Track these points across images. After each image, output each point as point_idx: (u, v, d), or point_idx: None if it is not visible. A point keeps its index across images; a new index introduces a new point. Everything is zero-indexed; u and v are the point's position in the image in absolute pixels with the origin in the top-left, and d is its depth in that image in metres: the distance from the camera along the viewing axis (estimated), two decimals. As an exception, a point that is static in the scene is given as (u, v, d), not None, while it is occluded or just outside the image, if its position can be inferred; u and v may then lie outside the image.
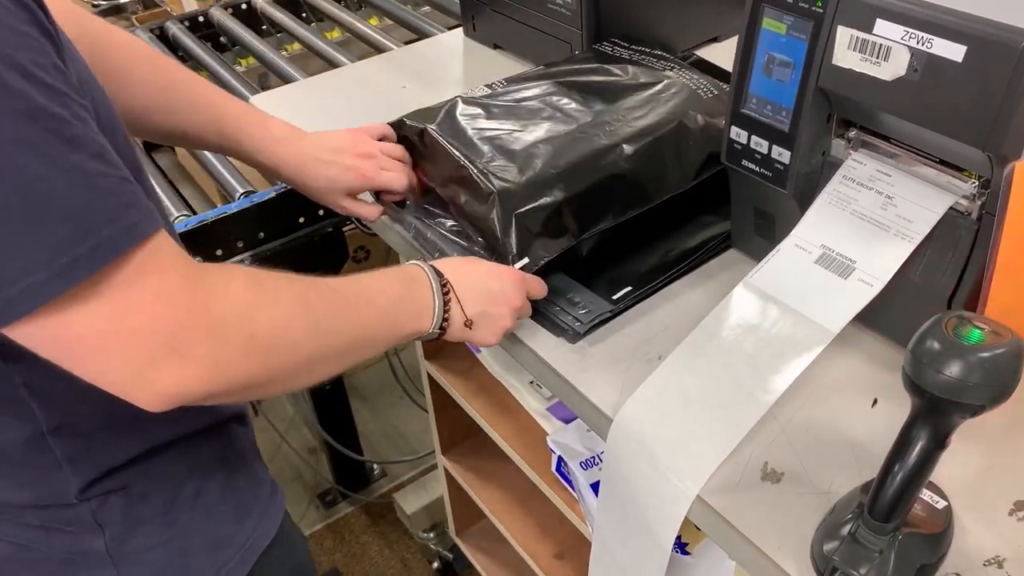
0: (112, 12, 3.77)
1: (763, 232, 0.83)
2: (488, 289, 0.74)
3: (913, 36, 0.63)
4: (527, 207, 0.81)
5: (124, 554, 0.69)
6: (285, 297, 0.60)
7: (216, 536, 0.73)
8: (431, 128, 0.89)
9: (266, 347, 0.58)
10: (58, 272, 0.49)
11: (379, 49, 1.72)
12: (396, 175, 0.89)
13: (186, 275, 0.54)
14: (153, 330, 0.53)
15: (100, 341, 0.52)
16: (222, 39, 1.93)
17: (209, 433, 0.74)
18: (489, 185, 0.81)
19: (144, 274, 0.52)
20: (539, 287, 0.80)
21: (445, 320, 0.71)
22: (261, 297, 0.59)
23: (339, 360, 0.64)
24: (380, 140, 0.93)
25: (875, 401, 0.72)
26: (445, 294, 0.71)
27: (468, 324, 0.73)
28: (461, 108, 0.95)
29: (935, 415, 0.55)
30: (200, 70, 1.82)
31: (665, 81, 0.96)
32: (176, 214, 1.36)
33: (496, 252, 0.82)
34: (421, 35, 1.76)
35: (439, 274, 0.72)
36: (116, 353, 0.52)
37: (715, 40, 1.24)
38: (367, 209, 0.92)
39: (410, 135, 0.92)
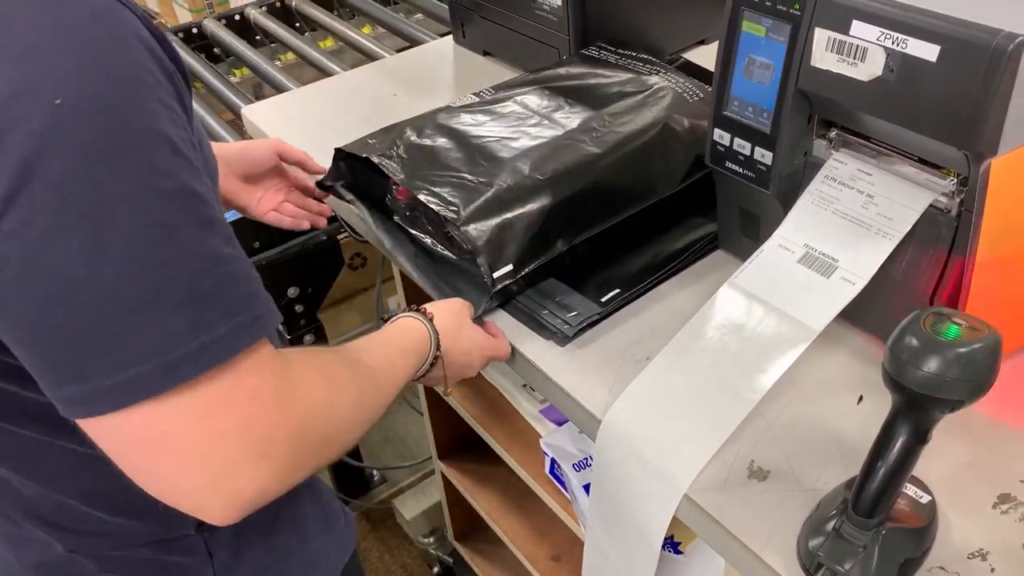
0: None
1: (748, 232, 0.84)
2: (466, 354, 0.77)
3: (888, 37, 0.64)
4: (510, 216, 0.82)
5: None
6: (348, 392, 0.59)
7: (309, 557, 0.73)
8: (375, 159, 0.90)
9: (333, 443, 0.57)
10: (166, 367, 0.45)
11: (372, 57, 1.74)
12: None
13: (279, 375, 0.51)
14: (244, 433, 0.49)
15: (185, 443, 0.47)
16: (216, 50, 1.94)
17: None
18: (448, 212, 0.82)
19: (246, 374, 0.49)
20: (504, 350, 0.82)
21: (425, 370, 0.74)
22: (334, 395, 0.57)
23: (371, 423, 0.64)
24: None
25: (860, 398, 0.73)
26: (436, 358, 0.74)
27: (451, 364, 0.76)
28: (446, 117, 0.96)
29: (915, 411, 0.56)
30: (194, 82, 1.83)
31: (651, 85, 0.97)
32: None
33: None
34: (413, 43, 1.78)
35: (437, 344, 0.74)
36: (199, 457, 0.48)
37: (702, 43, 1.25)
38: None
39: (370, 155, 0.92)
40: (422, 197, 0.85)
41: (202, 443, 0.48)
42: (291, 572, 0.72)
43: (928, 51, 0.62)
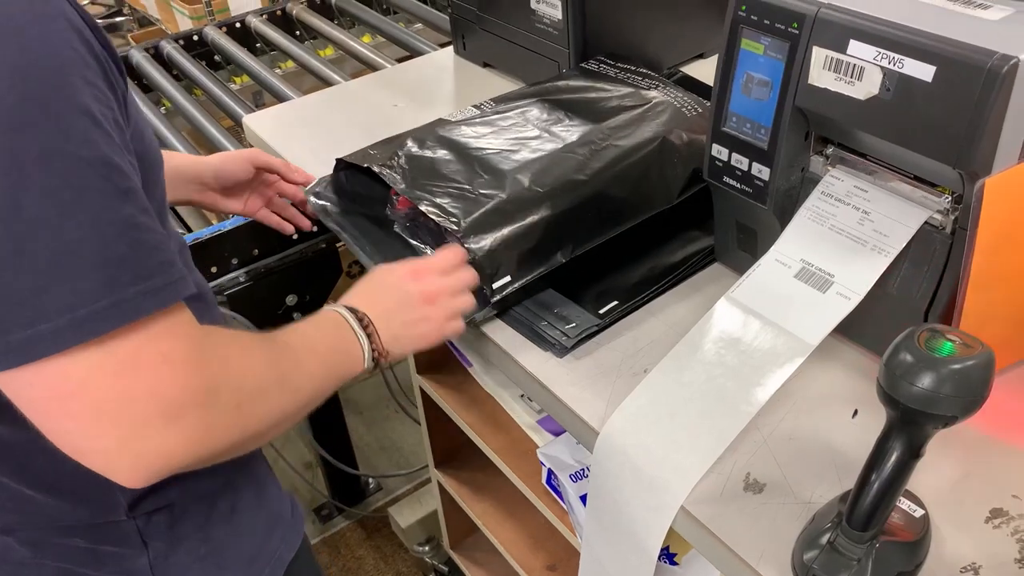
0: (108, 30, 3.80)
1: (746, 246, 0.85)
2: (399, 303, 0.74)
3: (885, 56, 0.65)
4: (510, 228, 0.83)
5: (166, 570, 0.70)
6: (261, 362, 0.60)
7: (249, 550, 0.74)
8: (376, 168, 0.91)
9: (248, 413, 0.57)
10: (75, 322, 0.47)
11: (372, 66, 1.75)
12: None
13: (194, 342, 0.53)
14: (153, 395, 0.50)
15: (96, 399, 0.49)
16: (216, 58, 1.95)
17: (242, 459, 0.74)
18: (450, 224, 0.83)
19: (157, 337, 0.51)
20: (449, 259, 0.78)
21: (375, 352, 0.71)
22: (250, 367, 0.58)
23: (298, 414, 0.64)
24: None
25: (855, 412, 0.73)
26: (366, 328, 0.71)
27: (396, 342, 0.73)
28: (447, 129, 0.97)
29: (909, 426, 0.56)
30: (195, 89, 1.84)
31: (650, 99, 0.98)
32: (171, 232, 1.37)
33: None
34: (413, 52, 1.79)
35: (355, 312, 0.71)
36: (109, 415, 0.49)
37: (701, 56, 1.27)
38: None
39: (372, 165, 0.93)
40: (423, 207, 0.86)
41: (111, 402, 0.49)
42: (228, 564, 0.73)
43: (924, 71, 0.63)
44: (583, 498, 0.94)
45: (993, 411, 0.66)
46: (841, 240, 0.73)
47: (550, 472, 0.99)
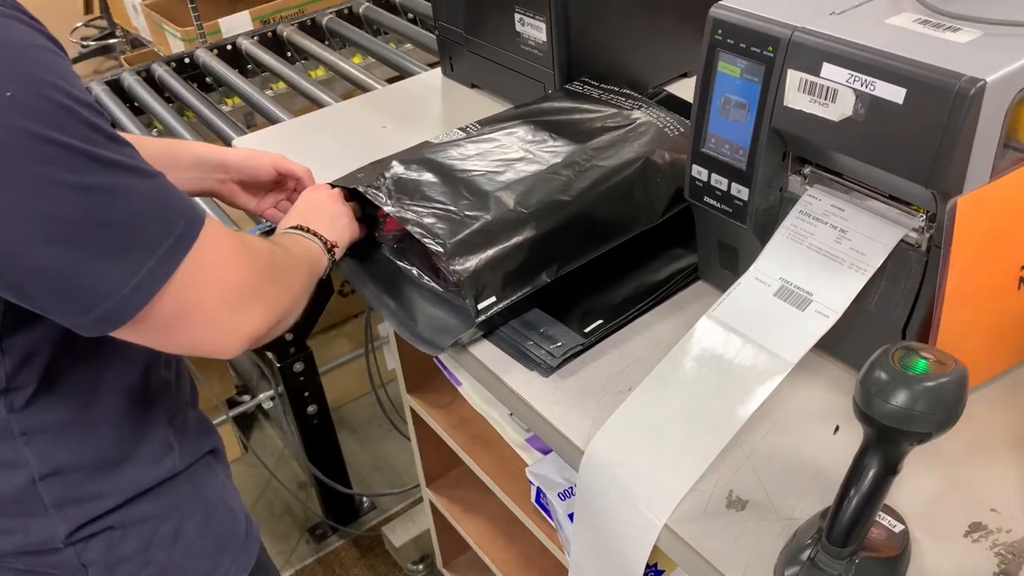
0: (100, 52, 3.83)
1: (727, 264, 0.86)
2: (324, 211, 0.91)
3: (857, 79, 0.66)
4: (495, 249, 0.84)
5: None
6: (278, 251, 0.75)
7: (195, 572, 0.75)
8: (362, 189, 0.93)
9: (290, 291, 0.72)
10: (163, 257, 0.59)
11: (362, 87, 1.76)
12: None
13: (240, 240, 0.67)
14: (238, 285, 0.65)
15: (208, 303, 0.63)
16: (208, 80, 1.96)
17: (188, 474, 0.76)
18: (435, 246, 0.84)
19: (219, 244, 0.63)
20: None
21: (326, 242, 0.87)
22: (273, 250, 0.74)
23: (304, 298, 0.78)
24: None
25: (837, 428, 0.74)
26: (316, 235, 0.87)
27: (340, 239, 0.90)
28: (432, 151, 0.98)
29: (885, 443, 0.57)
30: (186, 111, 1.85)
31: (633, 120, 1.00)
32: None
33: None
34: (403, 73, 1.80)
35: (306, 228, 0.87)
36: (220, 310, 0.63)
37: (685, 76, 1.28)
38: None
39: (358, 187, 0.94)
40: (409, 228, 0.87)
41: (216, 299, 0.63)
42: None
43: (895, 93, 0.64)
44: (572, 516, 0.94)
45: (971, 425, 0.67)
46: (819, 258, 0.74)
47: (539, 491, 0.99)
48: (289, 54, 2.04)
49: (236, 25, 2.31)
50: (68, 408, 0.68)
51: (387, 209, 0.89)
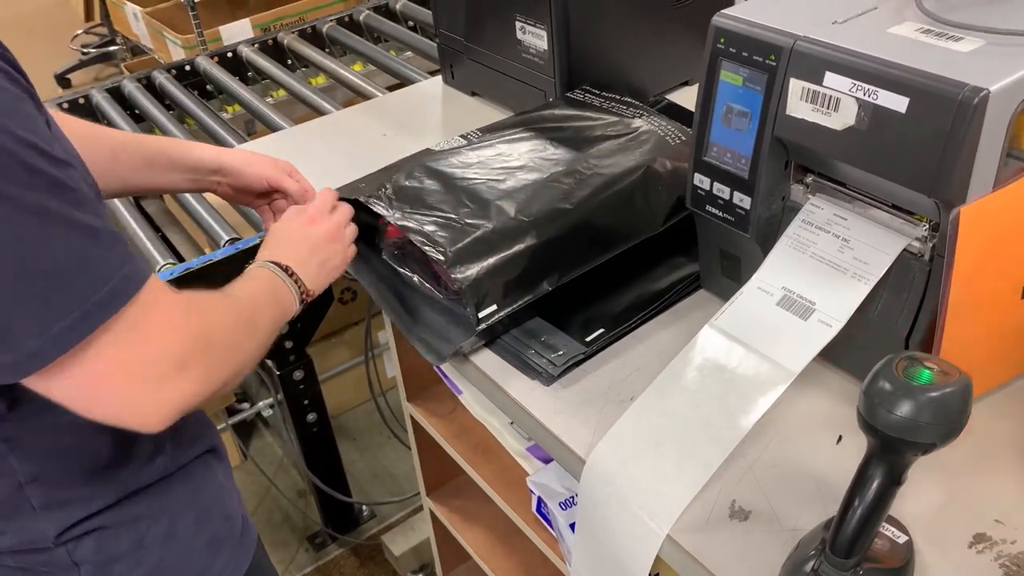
0: (101, 60, 3.83)
1: (729, 273, 0.86)
2: (311, 249, 0.85)
3: (860, 88, 0.66)
4: (496, 257, 0.84)
5: None
6: (230, 311, 0.70)
7: (188, 572, 0.76)
8: (363, 199, 0.93)
9: (233, 356, 0.68)
10: (81, 318, 0.56)
11: (362, 94, 1.76)
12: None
13: (180, 305, 0.63)
14: (164, 356, 0.61)
15: (123, 373, 0.59)
16: (208, 87, 1.97)
17: (181, 474, 0.76)
18: (436, 253, 0.84)
19: (151, 309, 0.60)
20: (327, 198, 0.91)
21: (303, 293, 0.81)
22: (221, 313, 0.69)
23: (259, 354, 0.74)
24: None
25: (840, 438, 0.74)
26: (292, 277, 0.81)
27: (315, 281, 0.84)
28: (433, 160, 0.98)
29: (889, 453, 0.57)
30: (186, 118, 1.85)
31: (635, 128, 1.00)
32: (162, 262, 1.38)
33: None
34: (403, 80, 1.81)
35: (279, 265, 0.81)
36: (136, 382, 0.60)
37: (686, 84, 1.28)
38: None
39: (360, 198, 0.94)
40: (411, 237, 0.86)
41: (138, 371, 0.60)
42: None
43: (898, 102, 0.64)
44: (573, 526, 0.93)
45: (975, 436, 0.67)
46: (822, 268, 0.74)
47: (540, 500, 0.99)
48: (289, 62, 2.04)
49: (237, 33, 2.31)
50: (51, 414, 0.67)
51: (388, 218, 0.89)
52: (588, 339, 0.86)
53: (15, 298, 0.55)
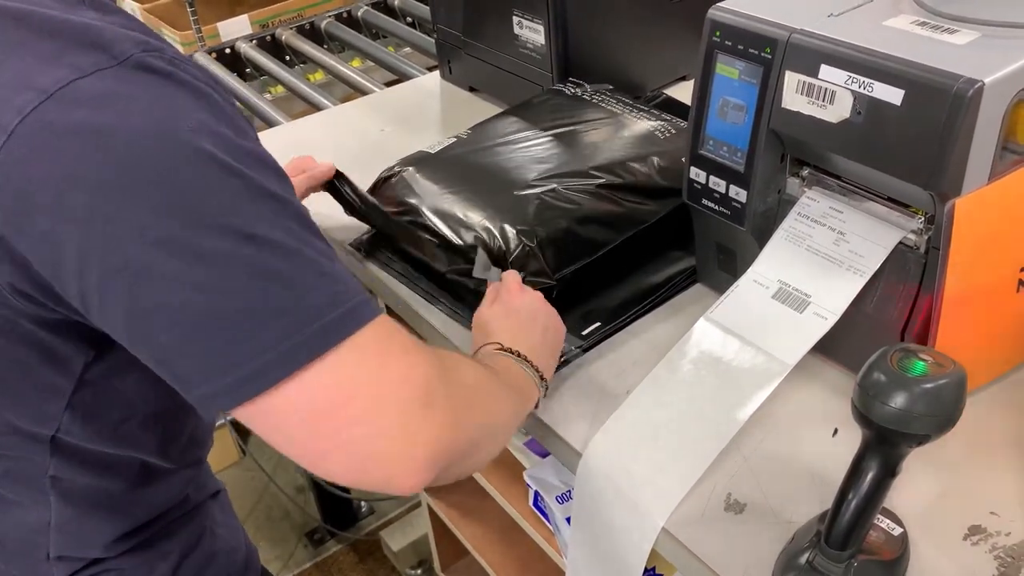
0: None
1: (726, 267, 0.86)
2: (543, 330, 0.76)
3: (855, 80, 0.66)
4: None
5: None
6: (477, 368, 0.64)
7: None
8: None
9: (479, 399, 0.61)
10: (317, 331, 0.50)
11: (361, 90, 1.76)
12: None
13: (413, 339, 0.56)
14: (406, 380, 0.53)
15: (365, 396, 0.51)
16: (206, 83, 1.96)
17: (189, 517, 0.75)
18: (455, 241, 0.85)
19: (390, 335, 0.54)
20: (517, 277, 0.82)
21: (541, 380, 0.74)
22: (463, 363, 0.63)
23: (509, 432, 0.68)
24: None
25: (836, 431, 0.74)
26: (530, 363, 0.73)
27: (550, 370, 0.76)
28: (428, 163, 0.98)
29: (884, 445, 0.57)
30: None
31: (629, 122, 1.00)
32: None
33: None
34: (402, 76, 1.80)
35: (517, 352, 0.72)
36: (380, 407, 0.51)
37: (683, 79, 1.28)
38: None
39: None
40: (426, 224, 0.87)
41: (378, 396, 0.52)
42: None
43: (893, 95, 0.64)
44: (569, 520, 0.94)
45: (971, 428, 0.67)
46: (817, 260, 0.74)
47: (536, 494, 0.99)
48: (288, 58, 2.04)
49: (235, 29, 2.31)
50: (103, 463, 0.66)
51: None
52: (584, 333, 0.86)
53: (250, 309, 0.49)
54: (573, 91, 1.10)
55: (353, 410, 0.51)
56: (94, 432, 0.63)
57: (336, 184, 0.94)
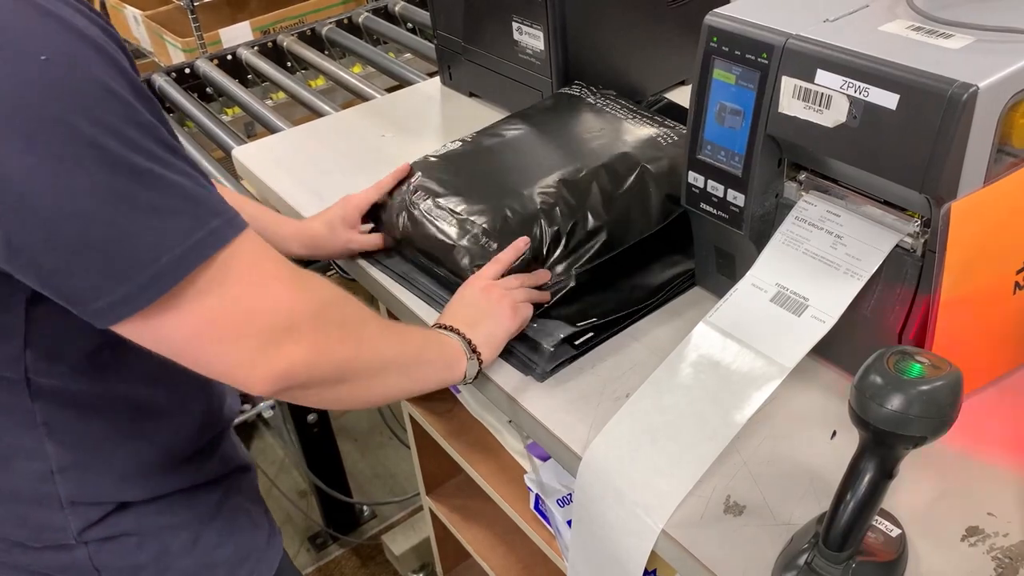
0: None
1: (724, 271, 0.86)
2: (484, 314, 0.81)
3: (851, 85, 0.67)
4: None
5: None
6: (357, 307, 0.68)
7: None
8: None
9: (354, 336, 0.65)
10: (188, 248, 0.54)
11: (362, 96, 1.77)
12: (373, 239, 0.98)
13: (287, 265, 0.61)
14: (275, 310, 0.59)
15: (230, 321, 0.57)
16: (208, 90, 1.97)
17: (211, 485, 0.76)
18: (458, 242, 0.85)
19: (261, 260, 0.59)
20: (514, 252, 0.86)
21: (471, 348, 0.78)
22: (344, 293, 0.66)
23: (401, 375, 0.71)
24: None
25: (834, 433, 0.74)
26: (457, 332, 0.78)
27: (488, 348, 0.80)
28: (431, 166, 0.99)
29: (880, 447, 0.58)
30: (186, 121, 1.86)
31: (629, 127, 1.00)
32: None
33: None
34: (403, 82, 1.81)
35: (464, 337, 0.78)
36: (243, 332, 0.57)
37: (683, 84, 1.29)
38: (372, 240, 0.98)
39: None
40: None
41: (245, 320, 0.58)
42: None
43: (888, 99, 0.65)
44: (570, 523, 0.94)
45: (968, 430, 0.68)
46: (815, 264, 0.74)
47: (537, 497, 0.99)
48: (289, 64, 2.05)
49: (236, 35, 2.32)
50: (91, 403, 0.67)
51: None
52: (582, 335, 0.86)
53: (125, 229, 0.53)
54: (579, 93, 1.10)
55: (216, 330, 0.57)
56: (67, 369, 0.65)
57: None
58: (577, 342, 0.85)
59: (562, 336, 0.84)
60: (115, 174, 0.53)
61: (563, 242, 0.88)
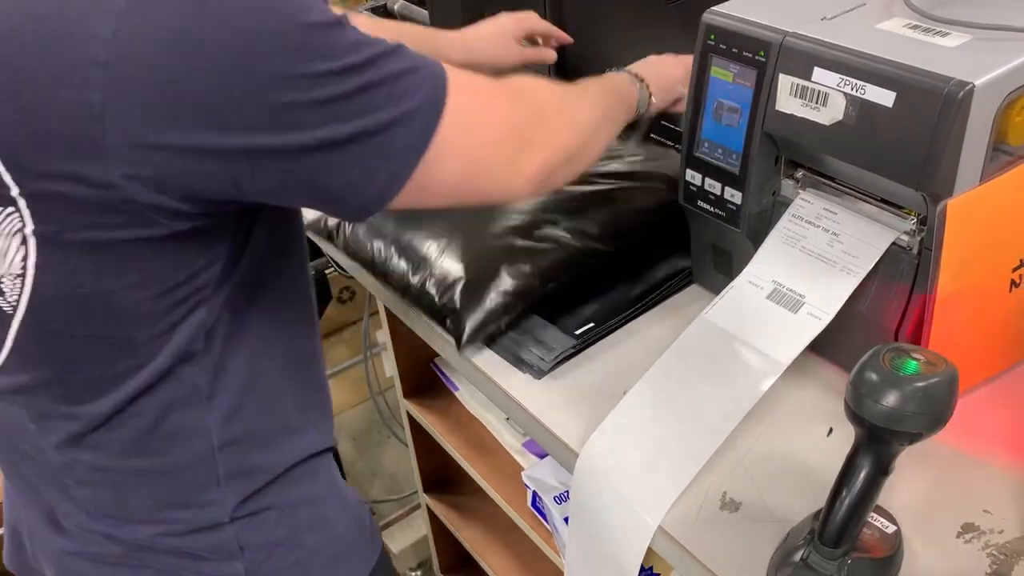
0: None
1: (721, 268, 0.86)
2: (659, 64, 0.88)
3: (848, 83, 0.67)
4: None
5: None
6: (554, 87, 0.73)
7: (335, 555, 0.76)
8: None
9: (570, 119, 0.71)
10: (431, 101, 0.58)
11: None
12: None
13: (492, 81, 0.65)
14: (503, 121, 0.64)
15: (480, 148, 0.62)
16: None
17: (322, 459, 0.76)
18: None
19: (475, 90, 0.62)
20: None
21: (638, 78, 0.84)
22: (539, 82, 0.72)
23: (604, 127, 0.76)
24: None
25: (830, 430, 0.75)
26: (635, 75, 0.84)
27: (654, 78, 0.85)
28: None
29: (876, 443, 0.58)
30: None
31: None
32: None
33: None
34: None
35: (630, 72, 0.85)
36: (493, 149, 0.63)
37: (680, 82, 1.29)
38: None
39: None
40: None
41: (488, 140, 0.63)
42: (314, 569, 0.75)
43: (885, 97, 0.65)
44: (567, 520, 0.94)
45: (964, 427, 0.68)
46: (811, 261, 0.74)
47: (535, 495, 1.00)
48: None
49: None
50: (248, 373, 0.68)
51: None
52: (578, 333, 0.86)
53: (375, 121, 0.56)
54: None
55: (474, 163, 0.62)
56: (220, 343, 0.65)
57: None
58: (579, 332, 0.85)
59: (562, 352, 0.84)
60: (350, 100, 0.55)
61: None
